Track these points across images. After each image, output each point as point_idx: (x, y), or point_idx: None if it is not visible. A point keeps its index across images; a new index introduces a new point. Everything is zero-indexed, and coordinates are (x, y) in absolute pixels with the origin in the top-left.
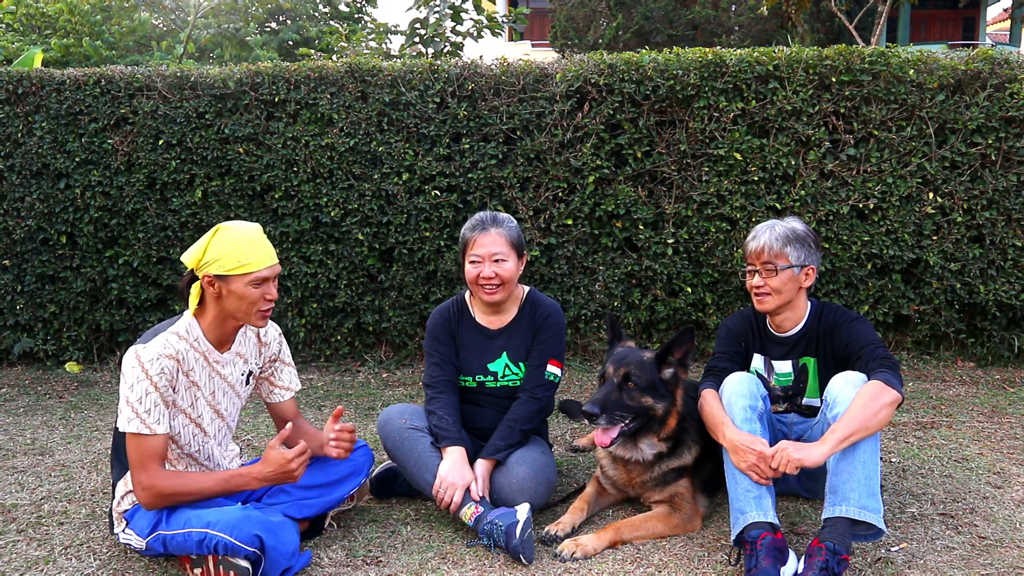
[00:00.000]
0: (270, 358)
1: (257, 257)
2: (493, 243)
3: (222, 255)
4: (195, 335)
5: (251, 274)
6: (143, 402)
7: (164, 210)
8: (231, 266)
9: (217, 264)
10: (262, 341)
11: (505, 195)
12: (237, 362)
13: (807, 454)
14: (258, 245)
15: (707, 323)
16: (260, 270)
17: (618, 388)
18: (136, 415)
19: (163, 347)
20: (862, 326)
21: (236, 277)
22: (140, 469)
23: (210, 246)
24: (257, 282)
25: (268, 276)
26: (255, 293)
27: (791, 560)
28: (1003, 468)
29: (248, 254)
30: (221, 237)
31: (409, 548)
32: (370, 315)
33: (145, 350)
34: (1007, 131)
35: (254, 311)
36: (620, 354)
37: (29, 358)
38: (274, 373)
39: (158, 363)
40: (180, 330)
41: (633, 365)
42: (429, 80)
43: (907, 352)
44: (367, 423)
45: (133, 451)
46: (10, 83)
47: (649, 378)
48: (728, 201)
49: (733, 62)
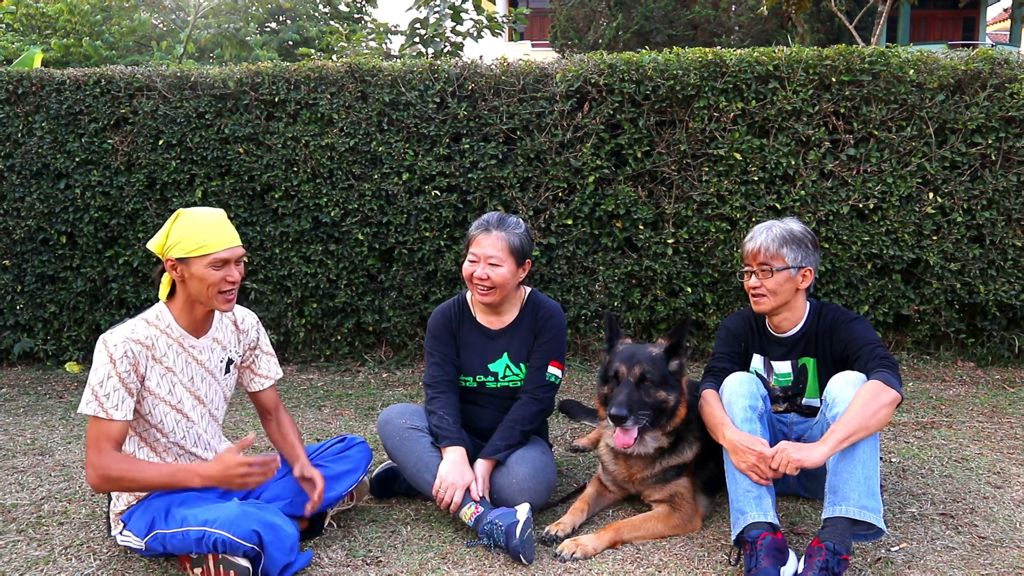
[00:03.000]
0: (249, 346)
1: (216, 239)
2: (491, 246)
3: (182, 238)
4: (167, 322)
5: (210, 255)
6: (103, 386)
7: (164, 210)
8: (190, 248)
9: (178, 247)
10: (239, 328)
11: (505, 195)
12: (215, 348)
13: (807, 454)
14: (217, 227)
15: (707, 323)
16: (219, 251)
17: (636, 387)
18: (95, 398)
19: (130, 332)
20: (861, 326)
21: (196, 259)
22: (94, 449)
23: (172, 230)
24: (217, 264)
25: (228, 258)
26: (216, 275)
27: (791, 560)
28: (1003, 468)
29: (207, 236)
30: (182, 221)
31: (409, 548)
32: (370, 315)
33: (111, 335)
34: (1007, 131)
35: (215, 293)
36: (628, 351)
37: (29, 358)
38: (254, 361)
39: (122, 347)
40: (150, 317)
41: (646, 362)
42: (429, 80)
43: (907, 352)
44: (367, 423)
45: (90, 432)
46: (10, 83)
47: (662, 372)
48: (728, 201)
49: (733, 62)
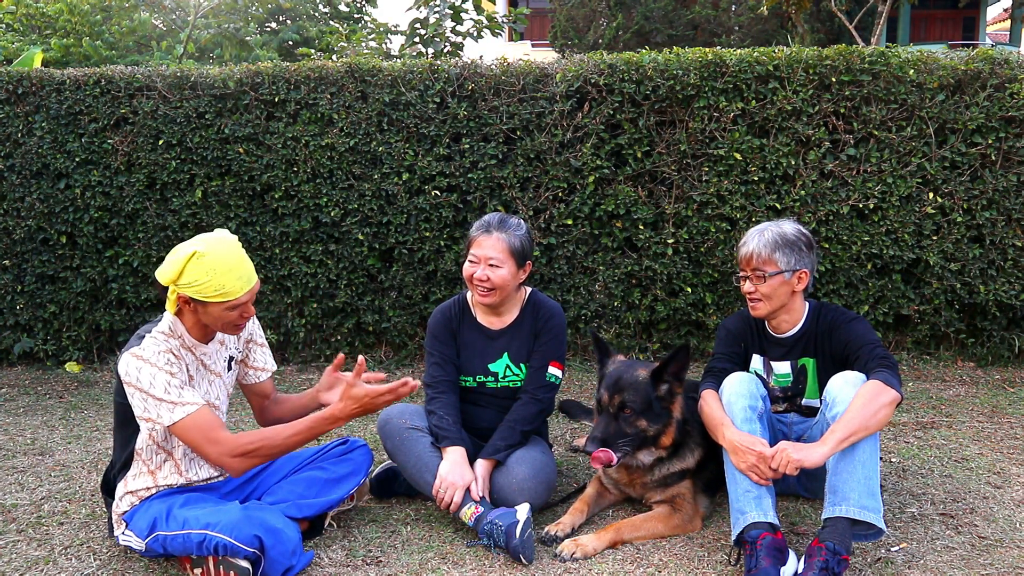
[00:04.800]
0: (246, 340)
1: (236, 285)
2: (491, 247)
3: (198, 282)
4: (179, 332)
5: (229, 301)
6: (169, 391)
7: (164, 210)
8: (208, 294)
9: (194, 290)
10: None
11: (505, 195)
12: (219, 350)
13: (807, 455)
14: (237, 271)
15: (707, 323)
16: (239, 297)
17: (615, 418)
18: (174, 404)
19: (158, 344)
20: (860, 326)
21: (214, 304)
22: (211, 444)
23: (186, 269)
24: (234, 307)
25: (247, 300)
26: (232, 315)
27: (791, 560)
28: (1003, 468)
29: (225, 284)
30: (200, 264)
31: (409, 548)
32: (370, 315)
33: (143, 350)
34: (1007, 131)
35: (229, 326)
36: (613, 376)
37: (29, 358)
38: (249, 355)
39: (163, 356)
40: (165, 329)
41: (628, 390)
42: (429, 80)
43: (907, 352)
44: (367, 423)
45: (192, 435)
46: (10, 83)
47: (645, 399)
48: (728, 201)
49: (733, 62)
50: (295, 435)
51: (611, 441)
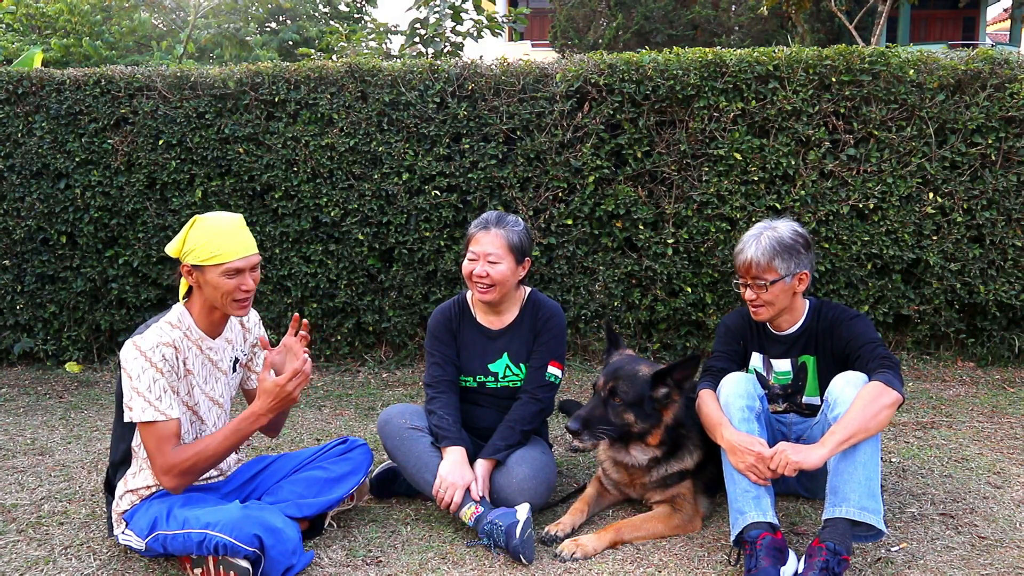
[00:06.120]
0: (251, 343)
1: (230, 248)
2: (491, 243)
3: (197, 245)
4: (187, 324)
5: (224, 265)
6: (152, 390)
7: (164, 210)
8: (204, 256)
9: (193, 254)
10: (245, 327)
11: (505, 195)
12: (226, 348)
13: (806, 456)
14: (233, 236)
15: (707, 323)
16: (232, 261)
17: (603, 403)
18: (149, 404)
19: (160, 336)
20: (861, 324)
21: (210, 267)
22: (159, 454)
23: (188, 236)
24: (231, 273)
25: (243, 267)
26: (230, 284)
27: (791, 560)
28: (1003, 468)
29: (221, 245)
30: (198, 227)
31: (409, 548)
32: (370, 315)
33: (144, 340)
34: (1007, 131)
35: (229, 300)
36: (613, 365)
37: (29, 358)
38: (252, 359)
39: (159, 351)
40: (172, 319)
41: (623, 379)
42: (429, 80)
43: (907, 352)
44: (367, 423)
45: (149, 439)
46: (10, 83)
47: (638, 394)
48: (728, 201)
49: (733, 62)
50: (224, 440)
51: (592, 424)
